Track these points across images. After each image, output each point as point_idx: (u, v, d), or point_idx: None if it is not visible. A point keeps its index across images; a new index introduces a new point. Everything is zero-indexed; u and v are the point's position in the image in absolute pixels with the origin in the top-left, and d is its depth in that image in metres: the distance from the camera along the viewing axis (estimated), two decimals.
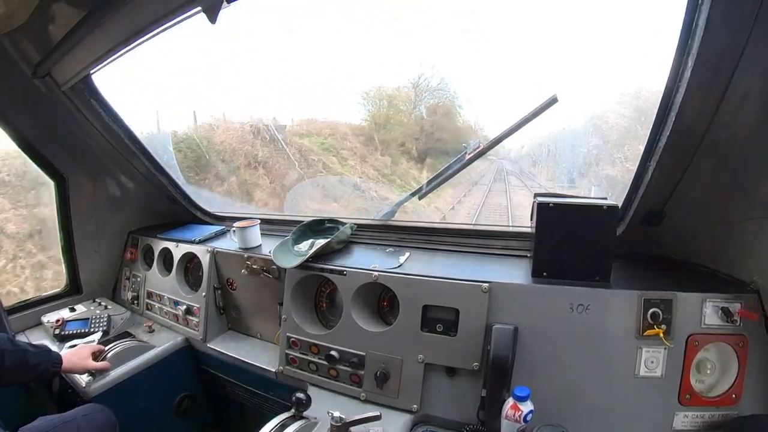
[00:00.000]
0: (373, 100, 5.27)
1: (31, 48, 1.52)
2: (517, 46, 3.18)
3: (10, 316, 1.89)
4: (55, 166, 2.03)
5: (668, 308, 1.12)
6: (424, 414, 1.32)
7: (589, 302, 1.17)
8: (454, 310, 1.30)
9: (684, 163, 1.11)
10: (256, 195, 4.43)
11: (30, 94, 1.71)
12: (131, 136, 1.97)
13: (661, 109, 1.07)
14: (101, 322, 1.95)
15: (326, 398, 1.43)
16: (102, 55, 1.42)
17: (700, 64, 0.92)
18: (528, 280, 1.28)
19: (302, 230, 1.80)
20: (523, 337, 1.21)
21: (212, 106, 4.42)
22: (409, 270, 1.42)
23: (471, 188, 6.08)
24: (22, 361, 1.37)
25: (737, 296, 1.11)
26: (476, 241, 1.62)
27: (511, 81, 3.04)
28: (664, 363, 1.12)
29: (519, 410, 1.06)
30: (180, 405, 1.97)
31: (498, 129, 1.49)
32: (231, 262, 1.89)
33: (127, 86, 1.96)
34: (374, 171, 5.34)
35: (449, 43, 3.94)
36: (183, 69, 2.87)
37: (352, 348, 1.44)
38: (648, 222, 1.29)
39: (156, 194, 2.37)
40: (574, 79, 1.85)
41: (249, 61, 3.72)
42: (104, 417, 1.47)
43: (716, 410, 1.11)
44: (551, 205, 1.22)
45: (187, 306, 1.96)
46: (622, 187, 1.36)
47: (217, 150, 4.55)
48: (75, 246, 2.16)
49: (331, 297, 1.65)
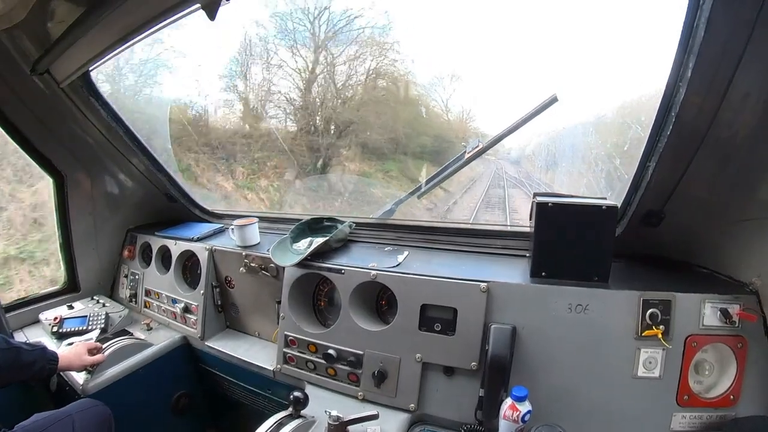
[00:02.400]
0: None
1: (30, 45, 1.51)
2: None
3: (8, 313, 1.88)
4: (53, 163, 2.02)
5: (667, 309, 1.12)
6: (422, 413, 1.32)
7: (587, 302, 1.16)
8: (452, 309, 1.29)
9: (684, 163, 1.10)
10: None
11: (29, 91, 1.70)
12: (130, 133, 1.97)
13: (661, 108, 1.06)
14: (99, 320, 1.95)
15: (324, 397, 1.43)
16: (100, 52, 1.41)
17: (701, 63, 0.91)
18: (526, 279, 1.27)
19: (301, 229, 1.79)
20: (521, 337, 1.20)
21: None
22: (408, 269, 1.42)
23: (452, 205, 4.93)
24: (17, 360, 1.36)
25: (736, 297, 1.10)
26: (475, 240, 1.62)
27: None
28: (663, 363, 1.12)
29: (517, 410, 1.06)
30: (177, 403, 1.97)
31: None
32: (229, 261, 1.89)
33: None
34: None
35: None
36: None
37: (350, 347, 1.43)
38: (647, 222, 1.28)
39: (154, 192, 2.36)
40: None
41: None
42: (99, 411, 1.47)
43: (714, 411, 1.11)
44: (550, 204, 1.21)
45: (185, 304, 1.96)
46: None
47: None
48: (73, 243, 2.16)
49: (330, 296, 1.65)
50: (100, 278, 2.33)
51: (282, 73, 4.63)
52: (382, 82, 4.42)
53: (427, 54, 4.48)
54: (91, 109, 1.80)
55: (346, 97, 4.68)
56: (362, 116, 4.53)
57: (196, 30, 2.78)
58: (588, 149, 2.38)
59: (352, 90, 4.56)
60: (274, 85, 4.69)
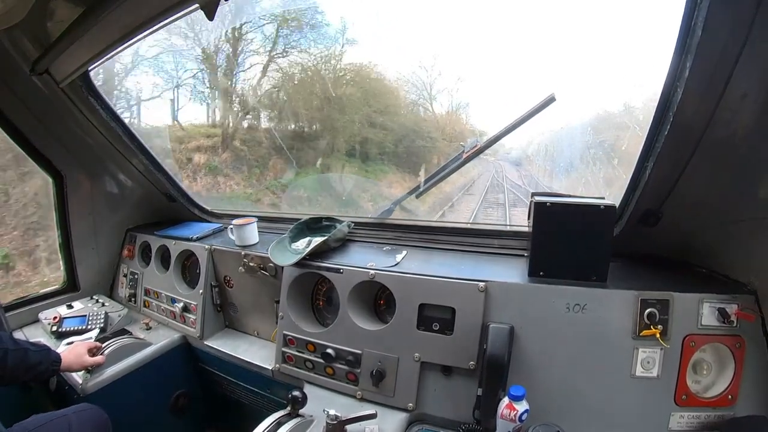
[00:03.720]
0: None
1: (29, 45, 1.51)
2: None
3: (7, 313, 1.88)
4: (53, 163, 2.02)
5: (665, 308, 1.12)
6: (420, 413, 1.32)
7: (585, 302, 1.16)
8: (450, 309, 1.30)
9: (682, 163, 1.10)
10: None
11: (28, 91, 1.70)
12: (129, 133, 1.97)
13: (659, 108, 1.06)
14: (98, 319, 1.95)
15: (322, 396, 1.43)
16: (100, 52, 1.41)
17: (698, 63, 0.91)
18: (524, 279, 1.27)
19: (299, 228, 1.80)
20: (519, 337, 1.20)
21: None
22: (406, 268, 1.42)
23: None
24: (24, 361, 1.37)
25: (734, 297, 1.10)
26: (473, 239, 1.62)
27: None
28: (661, 363, 1.12)
29: (514, 409, 1.06)
30: (176, 402, 1.97)
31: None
32: (228, 260, 1.89)
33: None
34: None
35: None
36: None
37: (348, 346, 1.43)
38: (645, 222, 1.29)
39: (154, 192, 2.36)
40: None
41: None
42: (96, 415, 1.47)
43: (712, 411, 1.11)
44: (548, 204, 1.21)
45: (184, 303, 1.96)
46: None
47: None
48: (73, 243, 2.16)
49: (328, 295, 1.65)
50: (100, 278, 2.33)
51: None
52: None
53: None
54: (90, 109, 1.80)
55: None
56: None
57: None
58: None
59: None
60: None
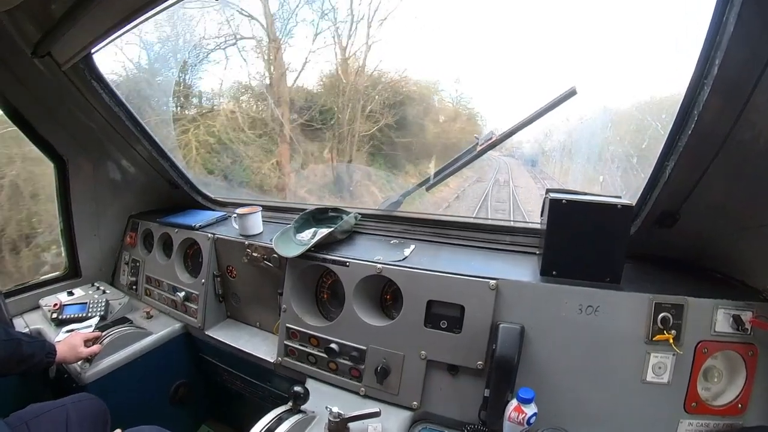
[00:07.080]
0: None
1: (31, 27, 1.47)
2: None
3: (7, 299, 1.86)
4: (55, 148, 1.98)
5: (679, 313, 1.09)
6: (425, 411, 1.30)
7: (598, 304, 1.14)
8: (459, 306, 1.27)
9: (704, 164, 1.07)
10: None
11: (30, 74, 1.66)
12: (133, 118, 1.93)
13: (683, 107, 1.02)
14: (99, 307, 1.93)
15: (325, 392, 1.42)
16: (102, 34, 1.37)
17: (728, 60, 0.87)
18: (536, 278, 1.25)
19: (305, 219, 1.77)
20: (529, 338, 1.18)
21: None
22: (414, 263, 1.39)
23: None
24: (17, 352, 1.35)
25: (749, 304, 1.08)
26: (483, 235, 1.59)
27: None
28: (672, 369, 1.10)
29: (523, 413, 1.04)
30: (176, 392, 1.97)
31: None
32: (231, 250, 1.86)
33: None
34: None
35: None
36: None
37: (352, 341, 1.41)
38: (661, 223, 1.25)
39: (157, 178, 2.33)
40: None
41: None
42: (95, 405, 1.46)
43: (721, 419, 1.09)
44: (564, 201, 1.18)
45: (185, 293, 1.94)
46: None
47: None
48: (75, 229, 2.13)
49: (333, 288, 1.62)
50: (102, 264, 2.32)
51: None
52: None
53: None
54: (93, 93, 1.76)
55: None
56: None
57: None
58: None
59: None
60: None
